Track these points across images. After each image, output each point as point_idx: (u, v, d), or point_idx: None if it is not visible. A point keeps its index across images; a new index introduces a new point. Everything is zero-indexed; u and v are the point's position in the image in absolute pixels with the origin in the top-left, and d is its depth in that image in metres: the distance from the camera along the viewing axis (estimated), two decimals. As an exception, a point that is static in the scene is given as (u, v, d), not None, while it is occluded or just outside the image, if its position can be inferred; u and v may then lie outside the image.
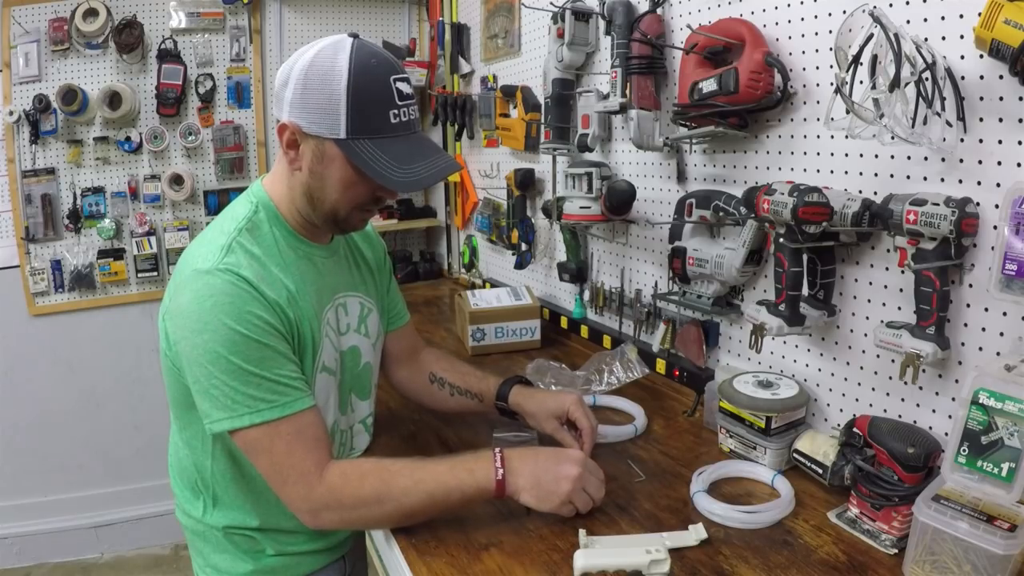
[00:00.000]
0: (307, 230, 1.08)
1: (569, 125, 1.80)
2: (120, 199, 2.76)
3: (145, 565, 2.86)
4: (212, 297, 0.91)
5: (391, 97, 0.95)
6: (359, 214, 1.05)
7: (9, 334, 2.74)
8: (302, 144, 0.98)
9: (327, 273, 1.11)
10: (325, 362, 1.07)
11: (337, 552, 1.19)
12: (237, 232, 0.99)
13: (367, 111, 0.94)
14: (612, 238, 1.82)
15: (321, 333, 1.06)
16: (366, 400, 1.22)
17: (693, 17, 1.44)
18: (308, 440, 0.95)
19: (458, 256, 2.91)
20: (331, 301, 1.11)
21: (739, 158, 1.38)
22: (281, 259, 1.02)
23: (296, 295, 1.01)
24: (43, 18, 2.57)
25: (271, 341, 0.94)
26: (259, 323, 0.93)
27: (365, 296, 1.20)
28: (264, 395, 0.92)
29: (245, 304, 0.92)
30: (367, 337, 1.20)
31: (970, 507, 0.81)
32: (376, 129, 0.95)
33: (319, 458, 0.95)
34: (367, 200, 1.03)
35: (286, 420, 0.93)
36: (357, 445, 1.21)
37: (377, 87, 0.94)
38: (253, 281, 0.94)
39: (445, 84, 2.74)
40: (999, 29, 0.82)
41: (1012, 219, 0.84)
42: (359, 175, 0.97)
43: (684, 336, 1.52)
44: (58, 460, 2.87)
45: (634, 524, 1.01)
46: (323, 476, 0.94)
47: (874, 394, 1.15)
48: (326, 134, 0.95)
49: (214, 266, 0.93)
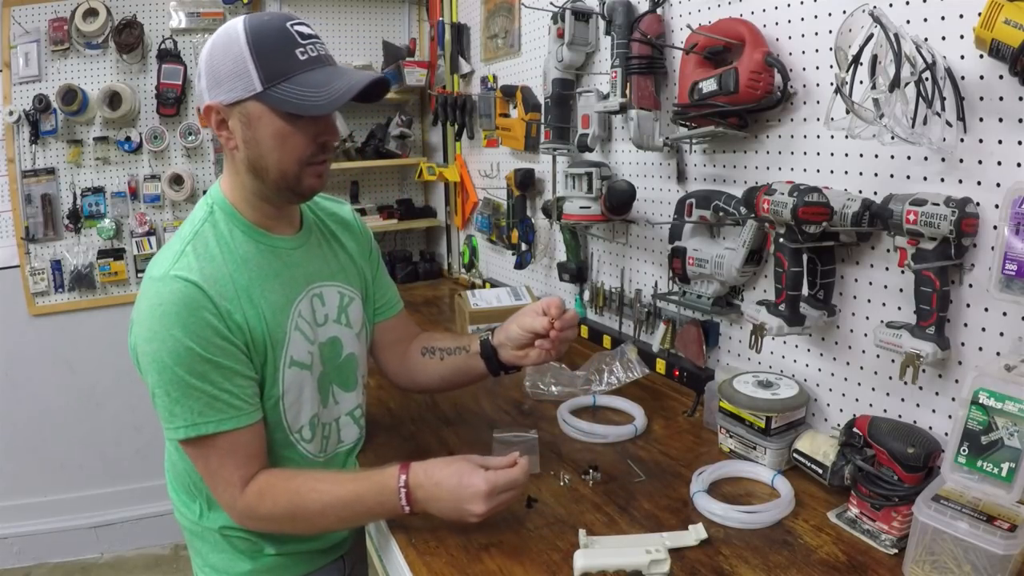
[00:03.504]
0: (268, 221, 1.06)
1: (569, 125, 1.80)
2: (120, 199, 2.77)
3: (145, 565, 2.86)
4: (162, 305, 0.93)
5: (292, 38, 0.95)
6: (309, 169, 1.01)
7: (9, 334, 2.74)
8: (229, 120, 0.97)
9: (296, 264, 1.09)
10: (294, 356, 1.05)
11: (336, 552, 1.19)
12: (192, 236, 1.00)
13: (273, 56, 0.93)
14: (612, 238, 1.82)
15: (288, 327, 1.04)
16: (352, 391, 1.20)
17: (693, 17, 1.44)
18: (240, 456, 0.98)
19: (458, 256, 2.91)
20: (303, 292, 1.09)
21: (739, 158, 1.38)
22: (238, 256, 1.01)
23: (253, 293, 1.00)
24: (43, 18, 2.57)
25: (216, 355, 0.94)
26: (206, 334, 0.93)
27: (345, 285, 1.18)
28: (204, 409, 0.94)
29: (192, 313, 0.93)
30: (348, 327, 1.18)
31: (970, 507, 0.81)
32: (288, 68, 0.93)
33: (246, 474, 0.99)
34: (308, 148, 0.99)
35: (222, 436, 0.96)
36: (346, 438, 1.20)
37: (276, 33, 0.94)
38: (203, 286, 0.94)
39: (445, 84, 2.74)
40: (999, 29, 0.82)
41: (1012, 219, 0.84)
42: (289, 122, 0.96)
43: (684, 336, 1.52)
44: (58, 460, 2.87)
45: (634, 524, 1.01)
46: (245, 491, 0.98)
47: (874, 394, 1.15)
48: (245, 94, 0.94)
49: (166, 272, 0.95)
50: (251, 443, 1.00)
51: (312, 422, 1.11)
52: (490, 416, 1.41)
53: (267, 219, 1.06)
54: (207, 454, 0.97)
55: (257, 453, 1.01)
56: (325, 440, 1.15)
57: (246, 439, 0.99)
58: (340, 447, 1.19)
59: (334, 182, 3.00)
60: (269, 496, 0.98)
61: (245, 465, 0.99)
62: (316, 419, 1.12)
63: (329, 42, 3.30)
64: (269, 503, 0.98)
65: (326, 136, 1.00)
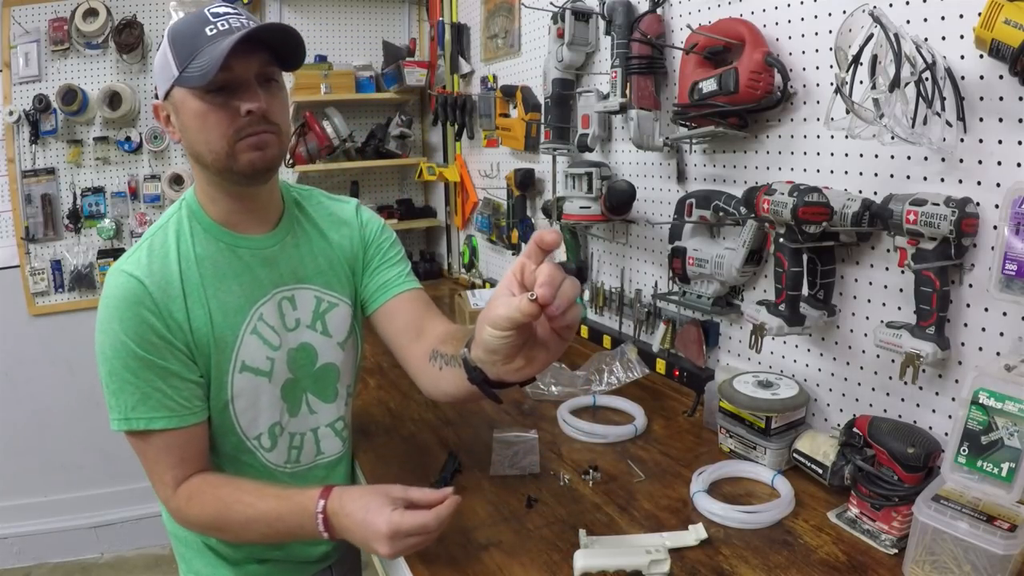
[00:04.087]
0: (234, 218, 1.03)
1: (569, 125, 1.80)
2: (120, 199, 2.77)
3: (145, 565, 2.86)
4: (107, 298, 0.94)
5: (204, 17, 0.93)
6: (242, 144, 0.94)
7: (9, 334, 2.74)
8: (170, 114, 0.98)
9: (261, 265, 1.04)
10: (247, 361, 1.02)
11: (324, 562, 1.19)
12: (153, 233, 1.00)
13: (185, 39, 0.92)
14: (612, 238, 1.82)
15: (242, 331, 1.01)
16: (331, 403, 1.14)
17: (693, 17, 1.44)
18: (173, 457, 0.98)
19: (458, 256, 2.91)
20: (268, 295, 1.04)
21: (739, 158, 1.38)
22: (194, 255, 0.99)
23: (203, 292, 0.98)
24: (43, 18, 2.58)
25: (151, 354, 0.93)
26: (142, 332, 0.93)
27: (323, 289, 1.11)
28: (136, 404, 0.94)
29: (130, 308, 0.93)
30: (326, 336, 1.11)
31: (970, 507, 0.81)
32: (195, 46, 0.91)
33: (178, 475, 0.98)
34: (231, 122, 0.93)
35: (156, 434, 0.95)
36: (326, 450, 1.15)
37: (191, 19, 0.94)
38: (145, 282, 0.94)
39: (445, 84, 2.74)
40: (999, 29, 0.82)
41: (1012, 219, 0.84)
42: (202, 99, 0.92)
43: (684, 336, 1.52)
44: (58, 460, 2.87)
45: (634, 524, 1.01)
46: (176, 492, 0.98)
47: (874, 394, 1.15)
48: (168, 84, 0.94)
49: (118, 266, 0.96)
50: (185, 446, 0.98)
51: (272, 431, 1.07)
52: (490, 416, 1.41)
53: (232, 215, 1.03)
54: (143, 449, 0.97)
55: (193, 456, 0.99)
56: (296, 451, 1.11)
57: (180, 441, 0.97)
58: (319, 459, 1.15)
59: (334, 182, 3.00)
60: (197, 501, 0.97)
61: (178, 467, 0.98)
62: (279, 428, 1.08)
63: (329, 42, 3.29)
64: (196, 508, 0.97)
65: (246, 103, 0.92)
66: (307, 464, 1.14)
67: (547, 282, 0.64)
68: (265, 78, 0.95)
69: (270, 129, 0.96)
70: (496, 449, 1.20)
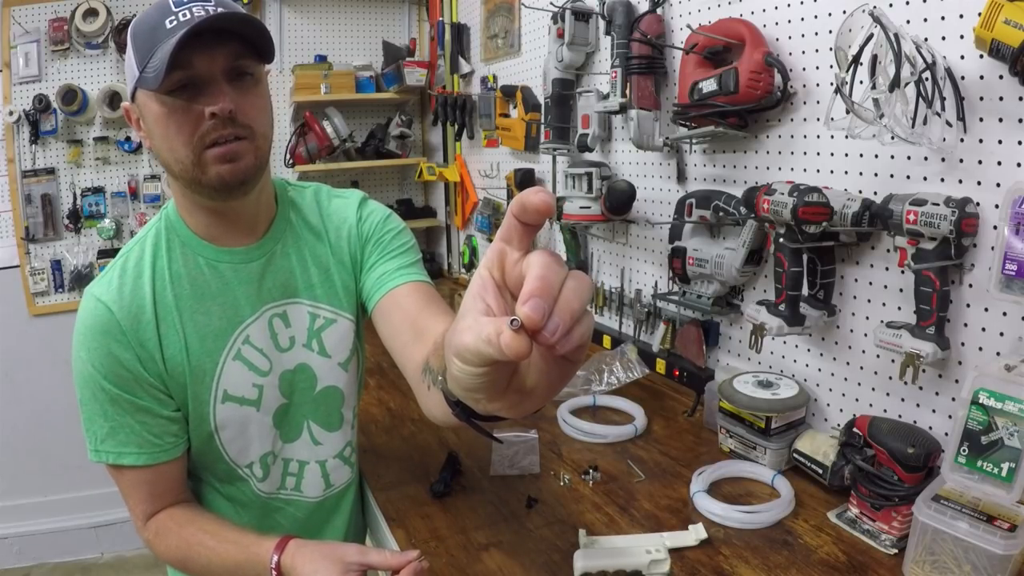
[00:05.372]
0: (215, 231, 0.93)
1: (569, 125, 1.80)
2: (120, 199, 2.77)
3: (145, 565, 2.86)
4: (79, 323, 0.90)
5: (166, 8, 0.80)
6: (209, 153, 0.83)
7: (9, 334, 2.74)
8: (139, 116, 0.88)
9: (246, 282, 0.95)
10: (229, 391, 0.94)
11: None
12: (128, 250, 0.94)
13: (145, 34, 0.81)
14: (612, 238, 1.82)
15: (222, 357, 0.93)
16: (337, 432, 1.06)
17: (693, 17, 1.44)
18: (142, 492, 0.95)
19: (458, 256, 2.91)
20: (258, 314, 0.95)
21: (739, 158, 1.38)
22: (169, 274, 0.91)
23: (178, 317, 0.90)
24: (43, 18, 2.57)
25: (118, 387, 0.88)
26: (108, 364, 0.88)
27: (319, 304, 1.00)
28: (105, 437, 0.91)
29: (97, 339, 0.88)
30: (324, 356, 1.01)
31: (970, 507, 0.81)
32: (154, 41, 0.79)
33: (148, 509, 0.96)
34: (194, 126, 0.82)
35: (126, 470, 0.93)
36: (336, 481, 1.09)
37: (151, 11, 0.82)
38: (115, 311, 0.88)
39: (445, 84, 2.74)
40: (999, 29, 0.82)
41: (1012, 219, 0.84)
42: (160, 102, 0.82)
43: (684, 336, 1.52)
44: (58, 460, 2.87)
45: (634, 524, 1.01)
46: (147, 525, 0.96)
47: (874, 394, 1.15)
48: (132, 84, 0.84)
49: (89, 289, 0.91)
50: (156, 482, 0.94)
51: (264, 460, 1.01)
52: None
53: (212, 227, 0.93)
54: (116, 479, 0.95)
55: (163, 492, 0.96)
56: (292, 477, 1.05)
57: (150, 477, 0.94)
58: (328, 492, 1.08)
59: (334, 182, 2.97)
60: (163, 538, 0.95)
61: (147, 502, 0.95)
62: (272, 457, 1.02)
63: (329, 42, 3.29)
64: (163, 545, 0.95)
65: (209, 106, 0.81)
66: (316, 497, 1.08)
67: (537, 292, 0.37)
68: (237, 72, 0.83)
69: (240, 133, 0.84)
70: (496, 449, 1.20)
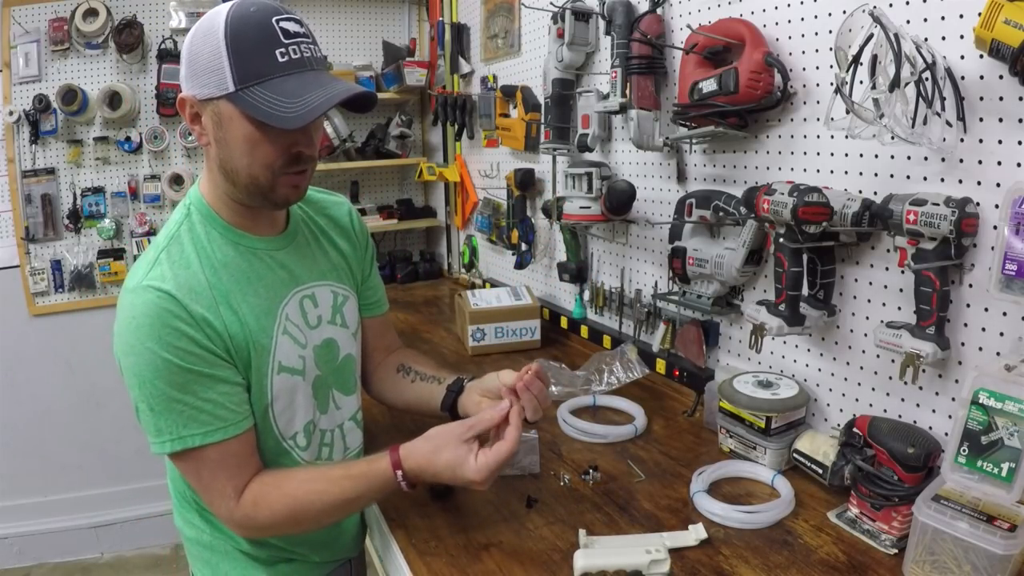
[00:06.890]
0: (247, 222, 1.01)
1: (569, 125, 1.80)
2: (120, 199, 2.77)
3: (145, 565, 2.86)
4: (135, 318, 0.89)
5: (275, 36, 0.87)
6: (284, 179, 0.95)
7: (9, 334, 2.74)
8: (203, 115, 0.92)
9: (281, 266, 1.04)
10: (283, 362, 1.01)
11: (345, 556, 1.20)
12: (167, 241, 0.96)
13: (250, 55, 0.87)
14: (612, 238, 1.82)
15: (275, 332, 1.00)
16: (352, 395, 1.17)
17: (693, 17, 1.44)
18: (231, 466, 0.96)
19: (458, 256, 2.91)
20: (291, 295, 1.04)
21: (739, 158, 1.38)
22: (216, 261, 0.97)
23: (233, 298, 0.96)
24: (43, 18, 2.57)
25: (195, 364, 0.91)
26: (183, 344, 0.90)
27: (337, 284, 1.14)
28: (188, 422, 0.91)
29: (167, 324, 0.89)
30: (345, 328, 1.14)
31: (970, 507, 0.81)
32: (263, 72, 0.87)
33: (239, 483, 0.96)
34: (280, 158, 0.93)
35: (211, 447, 0.93)
36: (351, 444, 1.17)
37: (257, 30, 0.87)
38: (177, 295, 0.90)
39: (445, 84, 2.74)
40: (999, 29, 0.82)
41: (1012, 219, 0.84)
42: (259, 129, 0.89)
43: (684, 336, 1.52)
44: (58, 460, 2.87)
45: (634, 524, 1.01)
46: (240, 501, 0.96)
47: (874, 394, 1.15)
48: (217, 93, 0.88)
49: (139, 283, 0.91)
50: (241, 452, 0.97)
51: (307, 429, 1.07)
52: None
53: (246, 220, 1.01)
54: (198, 467, 0.95)
55: (248, 461, 0.98)
56: (327, 447, 1.12)
57: (235, 449, 0.95)
58: (347, 455, 1.16)
59: (334, 182, 3.00)
60: (264, 504, 0.96)
61: (238, 475, 0.96)
62: (312, 426, 1.08)
63: (329, 42, 3.30)
64: (266, 511, 0.96)
65: (300, 147, 0.94)
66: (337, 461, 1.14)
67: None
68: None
69: (311, 166, 0.99)
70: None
